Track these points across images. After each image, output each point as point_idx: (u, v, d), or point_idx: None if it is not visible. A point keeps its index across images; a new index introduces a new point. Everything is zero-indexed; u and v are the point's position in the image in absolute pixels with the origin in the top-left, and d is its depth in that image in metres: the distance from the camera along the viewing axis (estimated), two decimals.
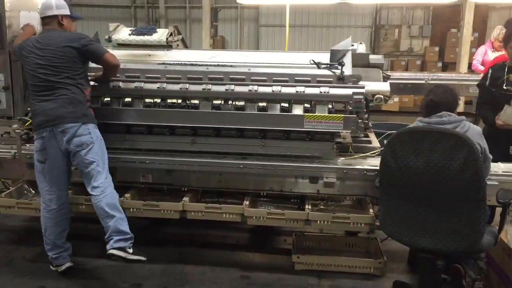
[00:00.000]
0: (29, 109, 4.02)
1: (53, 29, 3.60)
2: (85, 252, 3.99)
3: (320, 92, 3.63)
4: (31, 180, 4.08)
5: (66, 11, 3.65)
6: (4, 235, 4.40)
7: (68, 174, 3.62)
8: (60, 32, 3.58)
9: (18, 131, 3.89)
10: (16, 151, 3.88)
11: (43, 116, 3.45)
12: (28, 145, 3.95)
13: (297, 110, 3.69)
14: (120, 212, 3.49)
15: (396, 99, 10.65)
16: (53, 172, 3.51)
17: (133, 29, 4.50)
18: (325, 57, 3.92)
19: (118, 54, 4.19)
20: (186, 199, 3.81)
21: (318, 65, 3.83)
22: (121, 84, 3.79)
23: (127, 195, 3.87)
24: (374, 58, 4.28)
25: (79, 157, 3.46)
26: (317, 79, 3.76)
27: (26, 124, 3.96)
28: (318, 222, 3.65)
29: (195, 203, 3.86)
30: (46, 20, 3.64)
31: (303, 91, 3.65)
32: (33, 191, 4.02)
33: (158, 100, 3.79)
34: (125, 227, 3.46)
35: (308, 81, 3.75)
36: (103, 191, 3.44)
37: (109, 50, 4.20)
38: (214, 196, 4.08)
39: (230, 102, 3.74)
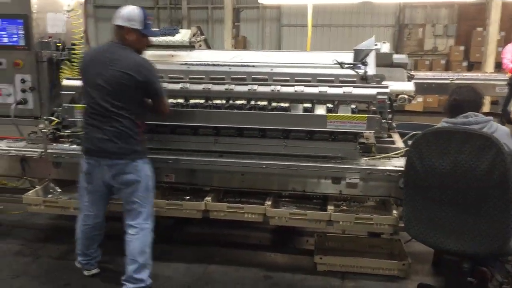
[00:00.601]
0: (54, 109, 4.11)
1: (118, 43, 3.27)
2: (112, 251, 4.04)
3: (343, 92, 3.60)
4: (57, 179, 4.14)
5: (137, 25, 3.25)
6: (31, 233, 4.48)
7: (108, 198, 3.54)
8: (127, 52, 3.22)
9: (45, 130, 3.96)
10: (42, 150, 3.95)
11: (90, 144, 3.30)
12: (54, 144, 4.02)
13: (320, 110, 3.67)
14: (145, 258, 3.37)
15: (420, 99, 10.51)
16: (95, 195, 3.46)
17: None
18: (348, 57, 3.90)
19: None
20: (208, 199, 3.82)
21: (341, 64, 3.80)
22: None
23: None
24: (398, 57, 4.23)
25: (122, 194, 3.37)
26: (340, 79, 3.74)
27: (52, 124, 4.03)
28: (341, 223, 3.63)
29: (217, 203, 3.87)
30: (115, 28, 3.31)
31: (326, 91, 3.63)
32: (59, 190, 4.07)
33: (181, 100, 3.81)
34: (143, 275, 3.36)
35: (331, 81, 3.73)
36: (138, 232, 3.35)
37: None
38: (236, 196, 4.08)
39: (252, 102, 3.74)
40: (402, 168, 3.33)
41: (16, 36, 4.06)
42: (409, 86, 3.94)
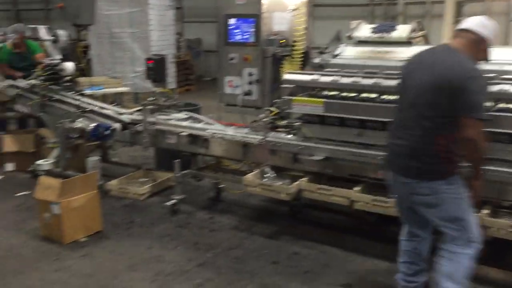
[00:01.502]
0: (274, 100, 4.45)
1: (454, 47, 2.88)
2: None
3: None
4: (273, 165, 4.48)
5: (491, 39, 2.86)
6: (247, 211, 4.97)
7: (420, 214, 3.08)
8: (458, 57, 2.80)
9: (265, 120, 4.33)
10: (262, 137, 4.32)
11: (388, 156, 3.11)
12: (272, 133, 4.35)
13: None
14: (454, 284, 2.93)
15: None
16: (401, 206, 3.20)
17: (374, 26, 4.55)
18: None
19: (358, 51, 4.34)
20: None
21: None
22: (361, 80, 3.86)
23: (357, 188, 3.95)
24: None
25: (425, 213, 3.01)
26: None
27: (272, 114, 4.38)
28: None
29: None
30: (463, 32, 2.90)
31: None
32: (274, 175, 4.40)
33: (395, 97, 3.74)
34: None
35: None
36: (448, 257, 2.96)
37: (350, 47, 4.39)
38: None
39: None
40: None
41: (247, 34, 4.54)
42: None
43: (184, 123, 4.92)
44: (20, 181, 5.78)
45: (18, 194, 5.32)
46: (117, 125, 5.11)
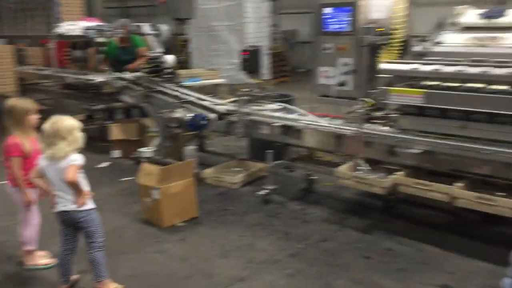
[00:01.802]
0: (370, 91, 4.31)
1: None
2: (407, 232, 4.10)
3: None
4: (367, 158, 4.34)
5: None
6: (339, 204, 4.90)
7: None
8: None
9: (360, 111, 4.21)
10: (356, 129, 4.21)
11: None
12: (367, 124, 4.22)
13: None
14: None
15: None
16: None
17: (482, 11, 4.23)
18: None
19: (463, 38, 4.07)
20: None
21: None
22: (466, 68, 3.61)
23: (459, 184, 3.71)
24: None
25: None
26: None
27: (367, 105, 4.25)
28: None
29: None
30: None
31: None
32: (369, 168, 4.26)
33: (506, 87, 3.45)
34: None
35: None
36: None
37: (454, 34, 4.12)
38: None
39: None
40: None
41: (343, 22, 4.43)
42: None
43: (278, 114, 4.94)
44: (125, 167, 6.18)
45: (123, 179, 5.69)
46: (212, 116, 5.26)
